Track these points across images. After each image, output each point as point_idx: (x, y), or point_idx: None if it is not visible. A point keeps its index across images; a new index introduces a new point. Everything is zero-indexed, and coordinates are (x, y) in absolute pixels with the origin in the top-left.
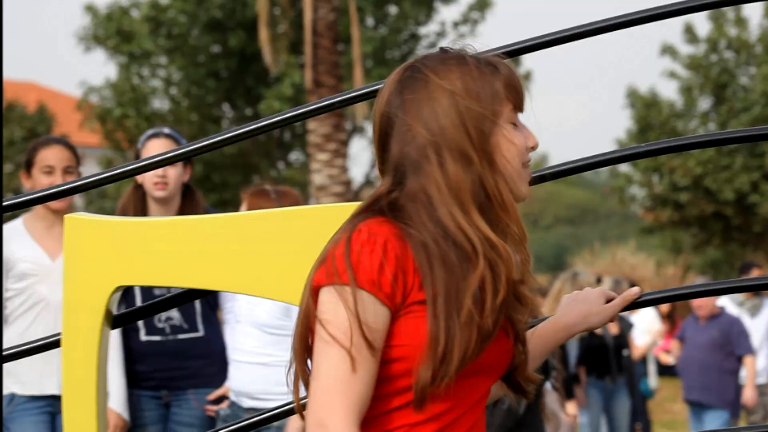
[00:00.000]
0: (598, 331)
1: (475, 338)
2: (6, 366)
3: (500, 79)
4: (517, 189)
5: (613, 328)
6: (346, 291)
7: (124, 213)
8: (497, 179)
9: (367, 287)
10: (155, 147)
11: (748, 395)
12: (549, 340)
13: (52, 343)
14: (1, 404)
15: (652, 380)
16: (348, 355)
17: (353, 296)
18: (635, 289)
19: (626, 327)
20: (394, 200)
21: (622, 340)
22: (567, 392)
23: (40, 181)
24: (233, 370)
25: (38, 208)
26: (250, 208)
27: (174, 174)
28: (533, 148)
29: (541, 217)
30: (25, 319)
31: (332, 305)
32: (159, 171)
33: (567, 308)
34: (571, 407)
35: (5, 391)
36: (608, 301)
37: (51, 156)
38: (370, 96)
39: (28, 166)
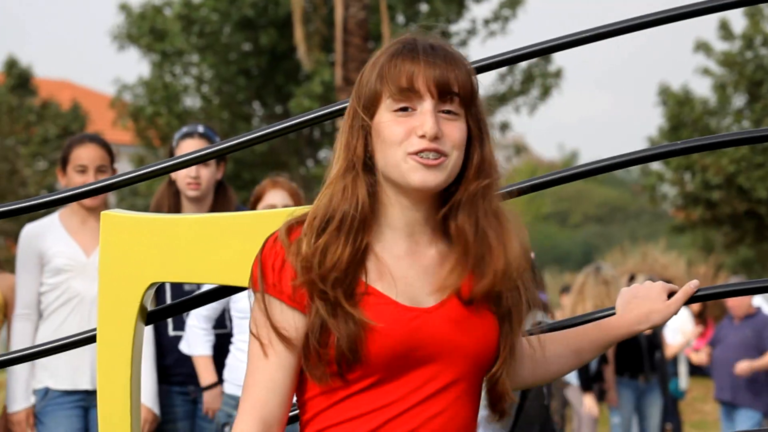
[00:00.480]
0: None
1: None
2: (41, 360)
3: (381, 67)
4: (401, 177)
5: None
6: (258, 297)
7: (158, 209)
8: (382, 165)
9: (272, 292)
10: (189, 146)
11: None
12: (605, 336)
13: (87, 338)
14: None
15: (683, 381)
16: (263, 358)
17: (263, 301)
18: (695, 282)
19: (658, 326)
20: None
21: (655, 339)
22: (584, 386)
23: (73, 180)
24: (239, 365)
25: (73, 205)
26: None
27: (206, 174)
28: (423, 137)
29: (570, 215)
30: (60, 314)
31: (253, 312)
32: (192, 171)
33: (628, 306)
34: (589, 400)
35: (40, 385)
36: (669, 295)
37: (84, 155)
38: None
39: (64, 163)
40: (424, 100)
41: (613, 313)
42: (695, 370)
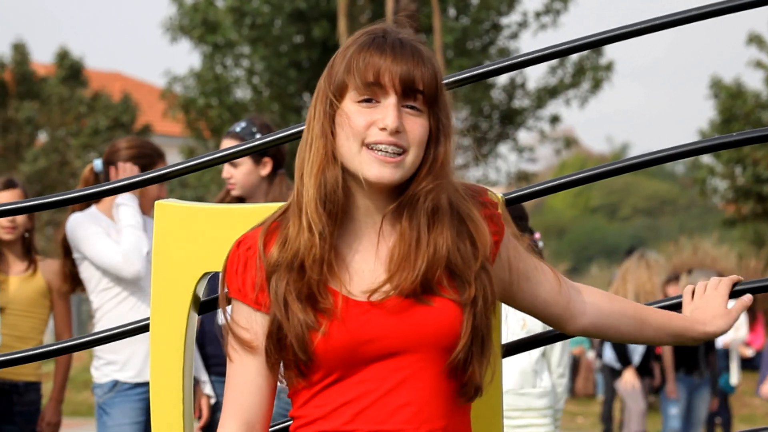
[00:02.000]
0: None
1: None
2: (109, 355)
3: (349, 58)
4: (359, 168)
5: None
6: (224, 302)
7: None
8: (342, 153)
9: (237, 296)
10: (225, 145)
11: None
12: (671, 322)
13: (141, 328)
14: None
15: (734, 376)
16: (237, 361)
17: (232, 306)
18: (748, 297)
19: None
20: None
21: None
22: (623, 362)
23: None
24: None
25: (106, 202)
26: None
27: (239, 173)
28: (384, 129)
29: (619, 208)
30: (122, 309)
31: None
32: (224, 173)
33: (698, 309)
34: (629, 375)
35: (107, 379)
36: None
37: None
38: (449, 87)
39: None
40: (388, 95)
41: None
42: (744, 364)
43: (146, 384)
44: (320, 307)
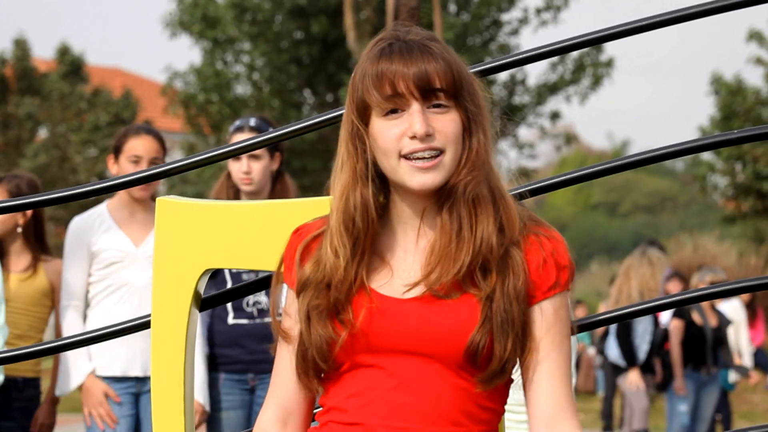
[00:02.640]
0: (698, 321)
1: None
2: (91, 350)
3: (364, 76)
4: (401, 181)
5: (713, 321)
6: (276, 286)
7: (217, 199)
8: (383, 169)
9: (286, 281)
10: (240, 139)
11: None
12: None
13: (141, 325)
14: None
15: (733, 373)
16: (282, 345)
17: (283, 291)
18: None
19: (724, 321)
20: None
21: (721, 333)
22: (630, 362)
23: (125, 169)
24: None
25: (122, 195)
26: None
27: (258, 168)
28: (414, 138)
29: (620, 204)
30: (108, 303)
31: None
32: (243, 167)
33: None
34: (634, 375)
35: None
36: None
37: (140, 146)
38: None
39: (116, 152)
40: (409, 102)
41: (657, 304)
42: None
43: (130, 379)
44: (340, 318)
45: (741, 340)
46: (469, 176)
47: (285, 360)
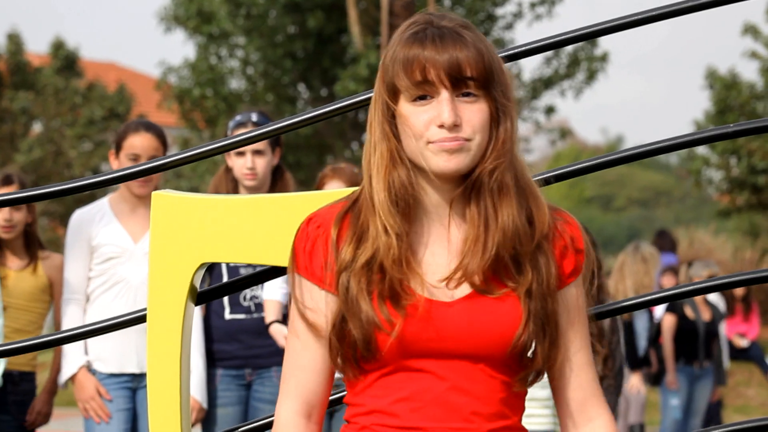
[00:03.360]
0: (691, 316)
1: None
2: (88, 344)
3: (396, 59)
4: (425, 163)
5: (706, 315)
6: (293, 280)
7: (216, 193)
8: (406, 158)
9: (304, 274)
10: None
11: None
12: None
13: (137, 319)
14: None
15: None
16: (299, 340)
17: (297, 284)
18: None
19: (718, 315)
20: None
21: (713, 327)
22: (633, 365)
23: (125, 166)
24: None
25: (123, 190)
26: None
27: (262, 163)
28: (442, 126)
29: (614, 199)
30: (105, 299)
31: (292, 295)
32: (248, 162)
33: None
34: (636, 379)
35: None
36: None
37: (138, 144)
38: None
39: (117, 148)
40: (439, 90)
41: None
42: (738, 354)
43: (125, 375)
44: (401, 305)
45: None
46: (494, 164)
47: (310, 355)
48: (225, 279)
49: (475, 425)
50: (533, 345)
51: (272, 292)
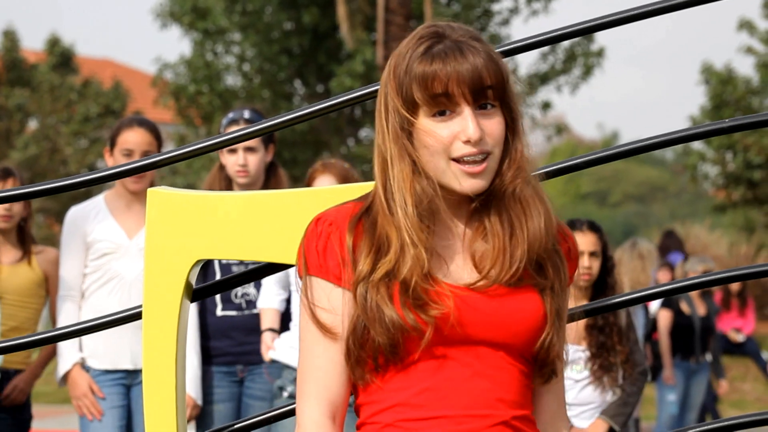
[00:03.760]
0: (686, 311)
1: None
2: (83, 341)
3: (412, 72)
4: (448, 183)
5: (701, 310)
6: (306, 282)
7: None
8: (424, 171)
9: (317, 273)
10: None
11: None
12: None
13: (133, 315)
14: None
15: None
16: (318, 344)
17: (310, 285)
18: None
19: (713, 310)
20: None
21: (709, 322)
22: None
23: (120, 162)
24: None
25: (118, 187)
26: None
27: (254, 160)
28: (468, 142)
29: (610, 194)
30: (100, 295)
31: (303, 296)
32: (240, 159)
33: None
34: None
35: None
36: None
37: (132, 139)
38: None
39: (112, 145)
40: (460, 105)
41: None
42: (734, 349)
43: (119, 371)
44: (429, 314)
45: None
46: (518, 178)
47: (330, 357)
48: (218, 276)
49: (501, 411)
50: (552, 342)
51: (269, 300)
